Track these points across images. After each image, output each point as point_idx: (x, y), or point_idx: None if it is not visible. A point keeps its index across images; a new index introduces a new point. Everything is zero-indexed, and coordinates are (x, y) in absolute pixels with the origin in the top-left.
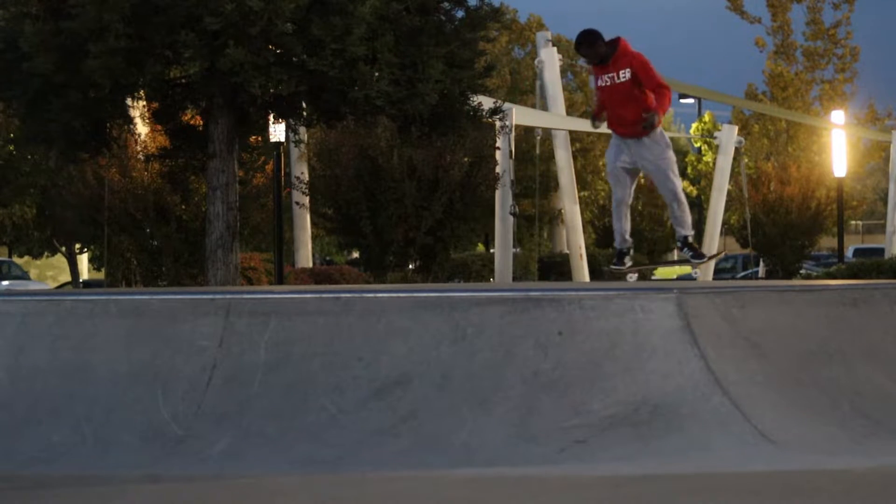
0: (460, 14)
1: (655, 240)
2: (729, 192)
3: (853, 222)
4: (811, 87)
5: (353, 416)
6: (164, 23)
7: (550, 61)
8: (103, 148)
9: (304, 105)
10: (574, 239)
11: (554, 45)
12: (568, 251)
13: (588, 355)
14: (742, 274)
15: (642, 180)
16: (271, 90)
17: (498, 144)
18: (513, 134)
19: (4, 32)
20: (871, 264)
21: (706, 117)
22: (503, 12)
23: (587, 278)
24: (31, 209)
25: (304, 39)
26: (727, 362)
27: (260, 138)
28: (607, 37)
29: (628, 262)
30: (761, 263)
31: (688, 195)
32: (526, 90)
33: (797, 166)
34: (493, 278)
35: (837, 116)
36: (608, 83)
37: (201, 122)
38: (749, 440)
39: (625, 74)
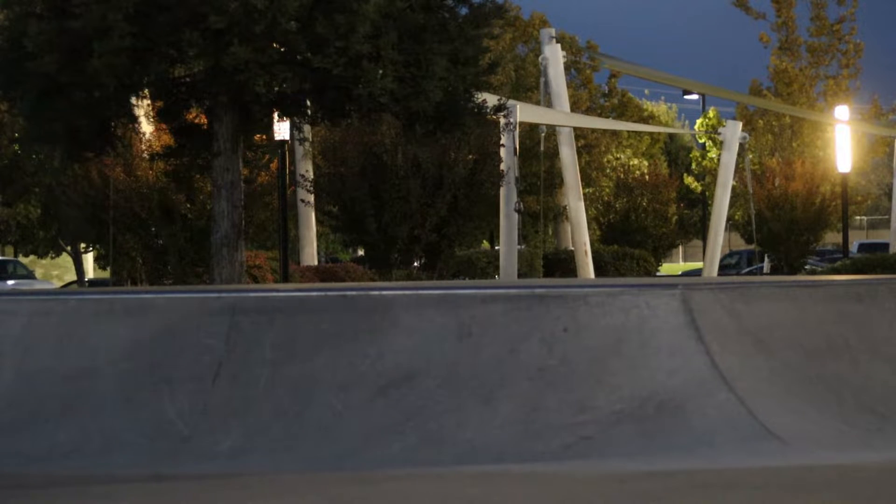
0: (464, 11)
1: (660, 236)
2: (733, 188)
3: (857, 218)
4: (815, 82)
5: (359, 414)
6: (169, 21)
7: (554, 58)
8: (108, 147)
9: (308, 103)
10: (579, 236)
11: (558, 41)
12: (573, 248)
13: (593, 352)
14: (747, 269)
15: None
16: (276, 88)
17: (502, 141)
18: (517, 131)
19: (9, 32)
20: (876, 259)
21: (710, 113)
22: (507, 9)
23: (592, 275)
24: (36, 209)
25: (309, 37)
26: (732, 358)
27: (265, 136)
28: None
29: None
30: (766, 259)
31: (692, 191)
32: (530, 87)
33: (801, 162)
34: (498, 275)
35: (841, 112)
36: None
37: (206, 121)
38: (754, 436)
39: None
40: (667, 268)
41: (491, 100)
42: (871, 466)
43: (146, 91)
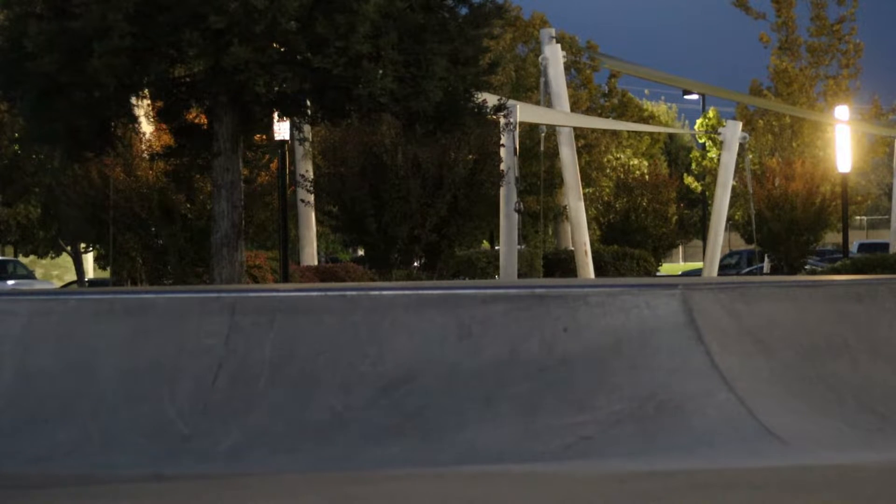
0: (464, 11)
1: (660, 236)
2: (733, 188)
3: (857, 218)
4: (815, 82)
5: (359, 414)
6: (169, 21)
7: (554, 58)
8: (108, 147)
9: (308, 103)
10: (579, 236)
11: (558, 41)
12: (573, 248)
13: (593, 352)
14: (747, 269)
15: (646, 177)
16: (276, 88)
17: (502, 141)
18: (517, 131)
19: (9, 32)
20: (876, 259)
21: (710, 113)
22: (507, 9)
23: (592, 275)
24: (36, 209)
25: (309, 37)
26: (732, 358)
27: (265, 136)
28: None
29: None
30: (766, 259)
31: (692, 191)
32: (530, 87)
33: (801, 162)
34: (499, 275)
35: (841, 112)
36: None
37: (206, 121)
38: (754, 436)
39: None
40: (667, 268)
41: (491, 100)
42: (872, 466)
43: (146, 91)
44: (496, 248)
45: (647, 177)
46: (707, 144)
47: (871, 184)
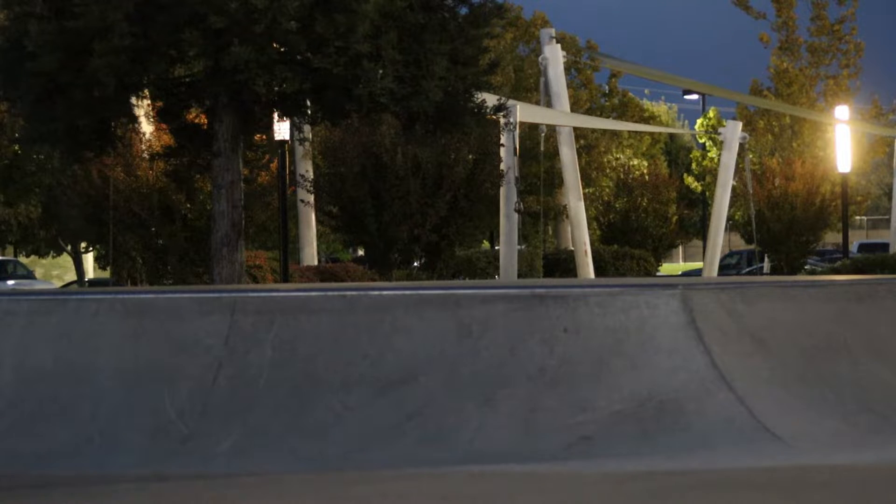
0: (464, 11)
1: (660, 236)
2: (733, 189)
3: (858, 218)
4: (815, 82)
5: (359, 414)
6: (169, 21)
7: (554, 58)
8: (108, 147)
9: (308, 103)
10: (579, 235)
11: (558, 41)
12: (573, 248)
13: (593, 352)
14: (747, 270)
15: (646, 177)
16: (276, 88)
17: (502, 141)
18: (517, 131)
19: (9, 32)
20: (876, 259)
21: (711, 113)
22: (507, 9)
23: (592, 275)
24: (36, 208)
25: (309, 37)
26: (732, 358)
27: (264, 136)
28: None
29: None
30: (766, 259)
31: (692, 191)
32: (530, 87)
33: (801, 162)
34: (499, 275)
35: (842, 112)
36: None
37: (206, 121)
38: (754, 436)
39: None
40: (667, 268)
41: (491, 100)
42: (871, 466)
43: (146, 91)
44: (496, 248)
45: (647, 177)
46: (707, 144)
47: (871, 184)
